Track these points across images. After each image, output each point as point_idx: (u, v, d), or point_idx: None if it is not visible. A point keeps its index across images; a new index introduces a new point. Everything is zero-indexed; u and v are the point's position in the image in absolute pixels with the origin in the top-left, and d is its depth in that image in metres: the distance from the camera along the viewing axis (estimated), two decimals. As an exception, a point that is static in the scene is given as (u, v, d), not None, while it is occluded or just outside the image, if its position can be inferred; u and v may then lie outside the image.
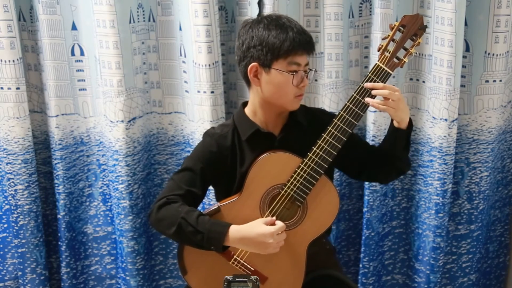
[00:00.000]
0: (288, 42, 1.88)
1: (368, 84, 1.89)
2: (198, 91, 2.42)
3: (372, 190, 2.50)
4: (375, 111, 2.41)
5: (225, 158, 2.00)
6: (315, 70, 2.03)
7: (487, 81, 2.41)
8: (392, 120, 1.98)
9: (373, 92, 1.88)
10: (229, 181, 2.02)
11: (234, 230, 1.86)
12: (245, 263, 1.94)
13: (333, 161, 1.91)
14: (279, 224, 1.87)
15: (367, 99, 1.88)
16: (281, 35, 1.88)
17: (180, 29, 2.44)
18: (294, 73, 1.90)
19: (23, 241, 2.62)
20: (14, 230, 2.62)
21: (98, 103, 2.54)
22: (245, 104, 2.06)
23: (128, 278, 2.64)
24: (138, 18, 2.42)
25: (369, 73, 1.90)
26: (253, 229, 1.85)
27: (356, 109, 1.89)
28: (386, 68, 1.89)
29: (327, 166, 1.89)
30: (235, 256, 1.93)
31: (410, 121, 1.98)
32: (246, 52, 1.93)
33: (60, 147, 2.58)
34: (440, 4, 2.27)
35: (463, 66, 2.39)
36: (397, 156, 2.03)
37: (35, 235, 2.63)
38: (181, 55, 2.48)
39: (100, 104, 2.51)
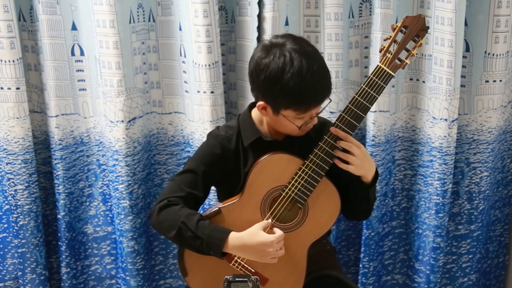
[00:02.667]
0: (304, 98, 1.80)
1: (333, 130, 1.87)
2: (198, 91, 2.42)
3: (372, 190, 2.50)
4: (375, 111, 2.41)
5: (228, 160, 1.99)
6: (330, 100, 1.91)
7: (487, 81, 2.41)
8: None
9: (341, 143, 1.87)
10: (232, 182, 2.01)
11: (234, 238, 1.86)
12: (245, 265, 1.93)
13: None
14: (278, 232, 1.87)
15: (337, 154, 1.87)
16: (297, 87, 1.77)
17: (180, 29, 2.44)
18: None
19: (23, 241, 2.62)
20: (14, 230, 2.62)
21: (98, 103, 2.54)
22: (252, 105, 2.02)
23: (128, 278, 2.64)
24: (138, 18, 2.42)
25: (371, 74, 1.89)
26: (253, 237, 1.85)
27: (357, 111, 1.88)
28: (388, 70, 1.89)
29: (328, 168, 1.88)
30: (235, 258, 1.93)
31: (376, 177, 1.97)
32: (258, 86, 1.85)
33: (60, 147, 2.58)
34: (440, 4, 2.27)
35: (463, 66, 2.39)
36: (357, 203, 2.01)
37: (35, 235, 2.63)
38: (181, 55, 2.48)
39: (100, 104, 2.51)
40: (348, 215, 2.13)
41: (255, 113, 2.00)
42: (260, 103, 1.88)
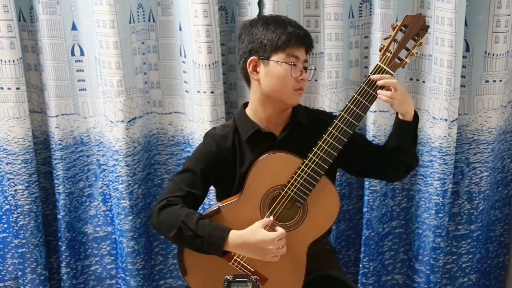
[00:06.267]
0: (286, 35, 1.92)
1: (375, 76, 1.90)
2: (198, 91, 2.42)
3: (372, 190, 2.50)
4: (375, 111, 2.41)
5: (226, 159, 2.01)
6: (315, 68, 2.07)
7: (487, 81, 2.41)
8: (396, 116, 1.99)
9: (380, 82, 1.89)
10: (230, 181, 2.02)
11: (235, 236, 1.86)
12: (245, 264, 1.94)
13: (336, 162, 1.91)
14: (280, 230, 1.87)
15: (378, 91, 1.90)
16: (279, 29, 1.93)
17: (180, 29, 2.44)
18: (293, 64, 1.91)
19: (23, 241, 2.62)
20: (14, 230, 2.62)
21: (98, 103, 2.54)
22: (246, 104, 2.07)
23: (128, 278, 2.64)
24: (138, 18, 2.42)
25: (371, 73, 1.90)
26: (253, 235, 1.85)
27: (357, 110, 1.89)
28: (387, 69, 1.89)
29: (327, 167, 1.89)
30: (235, 257, 1.93)
31: (416, 115, 2.00)
32: (246, 48, 1.96)
33: (60, 147, 2.58)
34: (440, 4, 2.27)
35: (463, 66, 2.39)
36: (405, 150, 2.03)
37: (35, 235, 2.63)
38: (181, 55, 2.48)
39: (100, 104, 2.51)
40: (395, 174, 2.15)
41: (249, 109, 2.04)
42: (251, 59, 1.95)
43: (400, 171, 2.13)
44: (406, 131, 2.00)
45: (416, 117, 2.01)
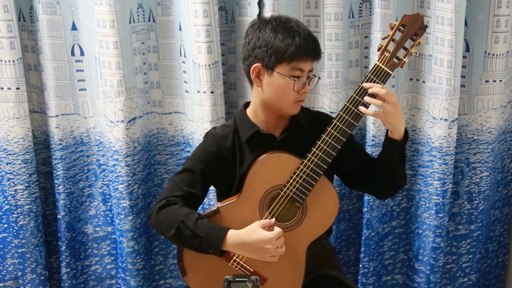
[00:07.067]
0: (294, 47, 1.87)
1: (366, 84, 1.89)
2: (198, 91, 2.42)
3: (372, 190, 2.50)
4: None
5: (226, 159, 2.01)
6: (319, 78, 2.03)
7: (487, 81, 2.40)
8: (387, 131, 1.97)
9: (370, 91, 1.87)
10: (230, 181, 2.02)
11: (233, 235, 1.86)
12: (244, 264, 1.93)
13: (334, 164, 1.91)
14: (277, 229, 1.87)
15: (360, 108, 1.88)
16: (287, 39, 1.88)
17: (180, 29, 2.44)
18: (296, 78, 1.90)
19: (23, 241, 2.62)
20: (14, 230, 2.62)
21: (98, 103, 2.54)
22: (247, 104, 2.07)
23: (128, 278, 2.64)
24: (138, 18, 2.42)
25: (369, 73, 1.90)
26: (251, 235, 1.85)
27: (356, 110, 1.89)
28: (386, 68, 1.89)
29: (326, 167, 1.89)
30: (234, 257, 1.93)
31: (406, 134, 1.97)
32: (251, 52, 1.93)
33: (60, 147, 2.58)
34: (440, 4, 2.27)
35: (463, 66, 2.39)
36: (393, 169, 2.01)
37: (35, 235, 2.63)
38: (181, 55, 2.48)
39: (100, 104, 2.51)
40: (383, 191, 2.12)
41: (250, 110, 2.03)
42: (255, 66, 1.92)
43: (386, 189, 2.10)
44: (393, 149, 1.97)
45: (406, 137, 1.97)
